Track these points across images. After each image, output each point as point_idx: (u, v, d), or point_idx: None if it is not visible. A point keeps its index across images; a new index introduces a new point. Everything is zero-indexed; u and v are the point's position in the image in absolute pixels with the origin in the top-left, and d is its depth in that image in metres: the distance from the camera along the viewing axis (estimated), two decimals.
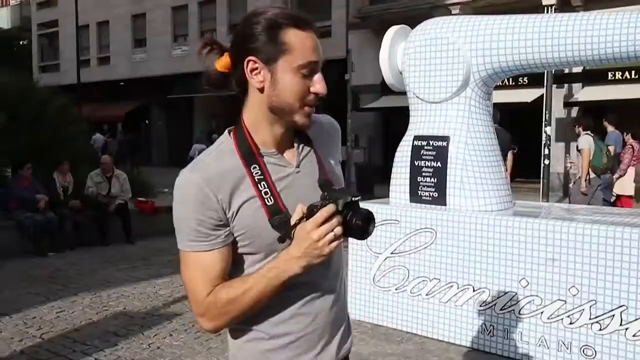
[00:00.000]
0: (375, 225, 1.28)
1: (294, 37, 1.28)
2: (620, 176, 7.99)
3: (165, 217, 9.25)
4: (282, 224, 1.30)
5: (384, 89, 18.58)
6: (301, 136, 1.42)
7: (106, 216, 8.34)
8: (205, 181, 1.29)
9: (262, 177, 1.32)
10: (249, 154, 1.33)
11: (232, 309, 1.31)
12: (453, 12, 15.74)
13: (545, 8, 14.09)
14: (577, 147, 7.90)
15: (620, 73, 15.88)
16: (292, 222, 1.27)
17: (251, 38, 1.29)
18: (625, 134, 8.52)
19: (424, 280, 4.35)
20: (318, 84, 1.32)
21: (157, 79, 26.12)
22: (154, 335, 4.49)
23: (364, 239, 1.27)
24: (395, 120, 19.12)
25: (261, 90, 1.31)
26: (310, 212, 1.24)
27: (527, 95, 15.97)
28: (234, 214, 1.31)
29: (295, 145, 1.41)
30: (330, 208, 1.21)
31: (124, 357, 4.06)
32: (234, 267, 1.36)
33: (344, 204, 1.23)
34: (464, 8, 16.13)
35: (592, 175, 7.59)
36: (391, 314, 4.54)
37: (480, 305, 4.10)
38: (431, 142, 4.40)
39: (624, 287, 3.54)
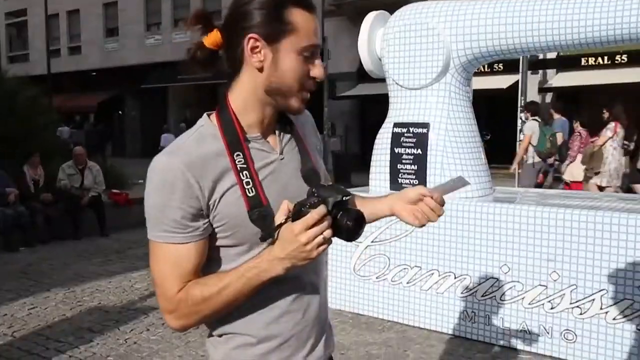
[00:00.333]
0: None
1: (299, 17, 1.22)
2: (571, 162, 8.36)
3: (140, 209, 9.05)
4: (261, 217, 1.21)
5: (360, 76, 18.58)
6: (282, 123, 1.35)
7: (79, 209, 8.15)
8: (187, 166, 1.19)
9: (245, 165, 1.23)
10: (234, 139, 1.24)
11: (205, 307, 1.21)
12: None
13: None
14: (522, 132, 8.26)
15: (593, 59, 16.10)
16: (277, 221, 1.17)
17: (253, 14, 1.21)
18: (574, 121, 8.85)
19: (405, 269, 4.31)
20: (318, 68, 1.26)
21: (131, 68, 25.70)
22: (130, 330, 4.38)
23: (352, 240, 1.20)
24: (372, 108, 19.12)
25: (260, 70, 1.23)
26: (298, 211, 1.14)
27: (502, 81, 16.09)
28: (216, 201, 1.21)
29: (277, 132, 1.33)
30: (321, 210, 1.12)
31: (99, 353, 3.95)
32: (209, 263, 1.27)
33: (334, 203, 1.15)
34: None
35: (537, 159, 8.14)
36: (372, 303, 4.50)
37: (462, 292, 4.08)
38: (411, 129, 4.34)
39: (604, 271, 3.54)
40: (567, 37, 3.79)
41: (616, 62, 15.70)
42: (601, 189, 7.77)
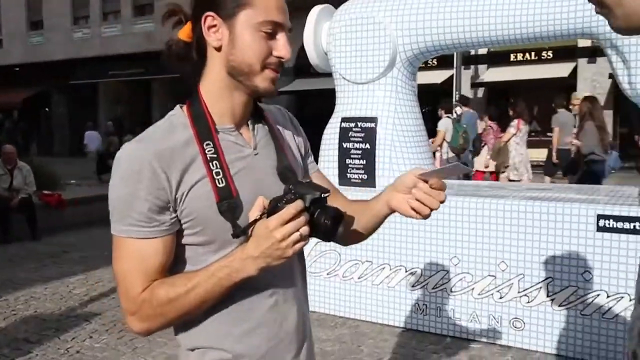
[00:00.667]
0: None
1: None
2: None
3: (74, 210, 8.79)
4: (230, 209, 1.15)
5: (297, 72, 18.54)
6: (256, 117, 1.29)
7: (8, 211, 7.68)
8: (155, 155, 1.12)
9: (215, 155, 1.16)
10: (204, 128, 1.18)
11: (171, 309, 1.13)
12: None
13: None
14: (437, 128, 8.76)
15: (521, 55, 16.74)
16: (251, 217, 1.11)
17: None
18: (482, 116, 9.46)
19: (355, 264, 4.30)
20: (281, 47, 1.19)
21: (57, 63, 24.59)
22: (71, 338, 4.16)
23: (329, 240, 1.15)
24: (309, 104, 19.13)
25: (219, 49, 1.18)
26: (274, 207, 1.09)
27: (437, 76, 16.44)
28: (184, 194, 1.14)
29: (250, 125, 1.27)
30: (298, 205, 1.06)
31: None
32: (175, 263, 1.19)
33: (312, 200, 1.10)
34: None
35: (451, 154, 8.61)
36: (324, 300, 4.47)
37: (413, 285, 4.11)
38: (359, 124, 4.33)
39: (549, 259, 3.65)
40: (517, 31, 3.83)
41: (542, 57, 16.38)
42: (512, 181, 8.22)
